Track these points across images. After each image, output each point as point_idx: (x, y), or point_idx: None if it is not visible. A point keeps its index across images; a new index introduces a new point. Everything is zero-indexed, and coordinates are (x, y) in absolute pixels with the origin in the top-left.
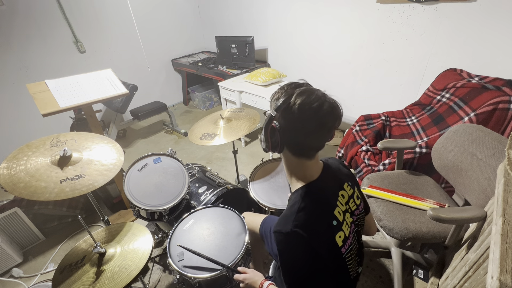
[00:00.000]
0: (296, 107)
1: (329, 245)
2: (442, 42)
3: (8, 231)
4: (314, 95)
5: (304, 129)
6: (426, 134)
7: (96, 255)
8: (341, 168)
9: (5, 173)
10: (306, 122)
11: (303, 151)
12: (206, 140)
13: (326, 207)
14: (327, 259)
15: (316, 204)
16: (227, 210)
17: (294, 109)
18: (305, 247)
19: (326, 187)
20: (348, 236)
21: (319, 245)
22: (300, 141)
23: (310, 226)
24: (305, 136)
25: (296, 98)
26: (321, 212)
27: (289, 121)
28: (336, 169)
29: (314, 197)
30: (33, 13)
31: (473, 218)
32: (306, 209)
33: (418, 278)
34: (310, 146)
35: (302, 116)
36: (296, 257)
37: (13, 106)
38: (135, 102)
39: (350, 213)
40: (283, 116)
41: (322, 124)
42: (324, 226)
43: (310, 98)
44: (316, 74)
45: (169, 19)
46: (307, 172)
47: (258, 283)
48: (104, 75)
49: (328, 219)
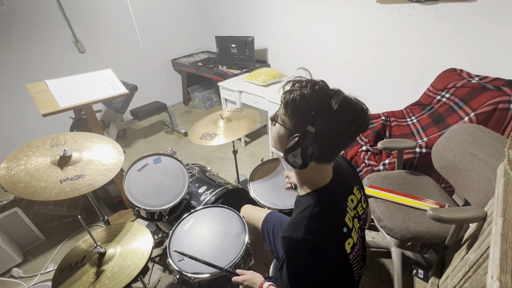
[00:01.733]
0: (338, 115)
1: (338, 253)
2: (442, 42)
3: (8, 231)
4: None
5: (346, 132)
6: (426, 134)
7: (96, 255)
8: (350, 170)
9: (5, 173)
10: (348, 131)
11: (330, 156)
12: (206, 140)
13: (338, 214)
14: (335, 266)
15: (328, 211)
16: (227, 210)
17: (336, 119)
18: (316, 255)
19: (337, 192)
20: (356, 242)
21: (329, 253)
22: (336, 148)
23: (322, 234)
24: (343, 143)
25: (334, 104)
26: (332, 220)
27: (330, 133)
28: (346, 171)
29: (325, 202)
30: (33, 13)
31: (473, 218)
32: (318, 215)
33: (418, 278)
34: (340, 149)
35: (345, 125)
36: (305, 264)
37: (13, 106)
38: (135, 102)
39: (358, 218)
40: (324, 129)
41: (359, 128)
42: (335, 233)
43: (345, 101)
44: (316, 74)
45: (169, 19)
46: (321, 175)
47: (258, 284)
48: (104, 75)
49: (339, 227)
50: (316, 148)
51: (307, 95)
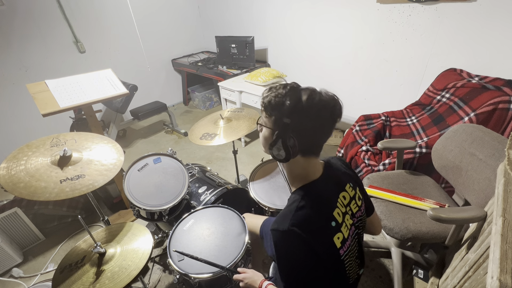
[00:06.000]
0: (308, 104)
1: (327, 246)
2: (442, 42)
3: (8, 231)
4: (311, 89)
5: (320, 125)
6: (426, 134)
7: (96, 255)
8: (343, 168)
9: (5, 173)
10: (320, 118)
11: (313, 149)
12: (206, 140)
13: (325, 207)
14: (325, 260)
15: (315, 204)
16: (227, 210)
17: (307, 108)
18: (302, 246)
19: (327, 187)
20: (347, 238)
21: (316, 245)
22: (315, 139)
23: (308, 225)
24: (320, 132)
25: (303, 96)
26: (319, 212)
27: (305, 122)
28: (337, 169)
29: (313, 196)
30: (33, 13)
31: (473, 218)
32: (304, 208)
33: (418, 278)
34: (321, 142)
35: (316, 113)
36: (293, 255)
37: (13, 106)
38: (135, 102)
39: (351, 215)
40: (298, 118)
41: (332, 114)
42: (322, 226)
43: (313, 92)
44: (316, 74)
45: (169, 19)
46: (309, 170)
47: (258, 283)
48: (104, 75)
49: (327, 220)
50: (296, 139)
51: (279, 95)
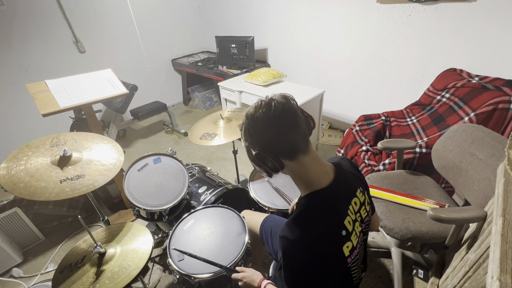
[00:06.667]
0: (256, 118)
1: (336, 255)
2: (442, 42)
3: (8, 231)
4: (259, 101)
5: (278, 133)
6: (426, 134)
7: (96, 255)
8: (353, 171)
9: (5, 173)
10: (274, 128)
11: (292, 149)
12: (206, 140)
13: (336, 216)
14: (332, 269)
15: (326, 213)
16: (227, 210)
17: (257, 121)
18: (312, 256)
19: (338, 195)
20: (356, 246)
21: (326, 255)
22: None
23: (318, 235)
24: (285, 135)
25: (253, 113)
26: (330, 222)
27: (264, 135)
28: (349, 173)
29: (324, 205)
30: (33, 13)
31: (473, 218)
32: (315, 217)
33: (418, 278)
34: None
35: (268, 126)
36: (301, 265)
37: (13, 106)
38: (135, 102)
39: (360, 221)
40: (254, 135)
41: (283, 120)
42: (332, 236)
43: (258, 104)
44: (316, 74)
45: (169, 19)
46: (311, 173)
47: (257, 282)
48: (104, 75)
49: (338, 229)
50: (268, 154)
51: (241, 124)
